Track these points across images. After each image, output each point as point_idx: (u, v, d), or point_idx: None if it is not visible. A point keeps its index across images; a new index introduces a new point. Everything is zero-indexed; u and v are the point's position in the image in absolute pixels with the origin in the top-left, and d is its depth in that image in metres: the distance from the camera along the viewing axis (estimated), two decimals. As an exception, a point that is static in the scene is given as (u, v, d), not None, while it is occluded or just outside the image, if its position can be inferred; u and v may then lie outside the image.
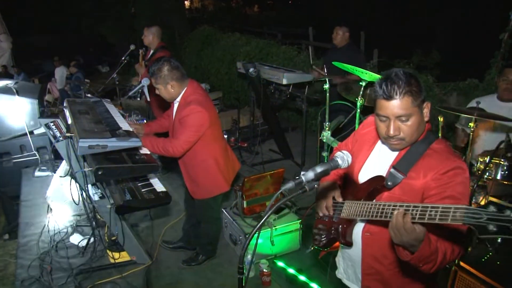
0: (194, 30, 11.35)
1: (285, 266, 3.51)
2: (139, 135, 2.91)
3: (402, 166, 1.65)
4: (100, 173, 2.31)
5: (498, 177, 2.80)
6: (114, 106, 3.40)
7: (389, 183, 1.66)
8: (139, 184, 2.75)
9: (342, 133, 4.13)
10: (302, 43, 9.93)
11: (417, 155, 1.64)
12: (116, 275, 2.67)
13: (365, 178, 1.80)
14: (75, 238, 3.00)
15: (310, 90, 5.17)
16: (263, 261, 3.46)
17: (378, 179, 1.72)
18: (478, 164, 2.96)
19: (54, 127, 2.82)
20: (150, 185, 2.76)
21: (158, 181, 2.85)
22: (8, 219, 4.20)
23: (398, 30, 14.88)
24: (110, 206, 2.54)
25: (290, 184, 1.47)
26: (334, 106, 4.21)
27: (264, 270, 3.34)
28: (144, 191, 2.67)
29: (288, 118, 7.70)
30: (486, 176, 2.86)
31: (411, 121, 1.57)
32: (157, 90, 3.05)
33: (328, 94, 4.01)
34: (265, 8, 27.92)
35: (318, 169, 1.51)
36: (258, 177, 3.78)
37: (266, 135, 6.52)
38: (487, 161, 2.82)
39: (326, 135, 3.87)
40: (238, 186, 3.82)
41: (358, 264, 1.87)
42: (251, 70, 5.26)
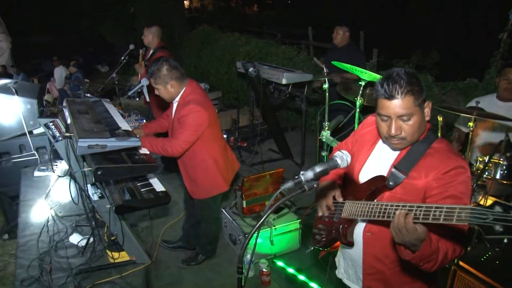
0: (193, 30, 11.35)
1: (284, 266, 3.51)
2: (139, 136, 2.91)
3: (403, 165, 1.65)
4: (99, 173, 2.30)
5: (498, 176, 2.80)
6: (114, 106, 3.39)
7: (390, 183, 1.66)
8: (139, 184, 2.75)
9: (342, 132, 4.13)
10: (302, 43, 9.95)
11: (418, 155, 1.64)
12: (115, 275, 2.66)
13: (365, 178, 1.80)
14: (75, 238, 2.99)
15: (310, 90, 5.17)
16: (263, 260, 3.46)
17: (379, 179, 1.72)
18: (478, 163, 2.96)
19: (53, 127, 2.81)
20: (150, 185, 2.76)
21: (158, 181, 2.84)
22: (7, 219, 4.20)
23: (398, 30, 14.89)
24: (109, 206, 2.53)
25: (289, 183, 1.47)
26: (333, 106, 4.21)
27: (263, 269, 3.34)
28: (143, 191, 2.66)
29: (287, 118, 7.70)
30: (485, 175, 2.86)
31: (413, 120, 1.57)
32: (156, 91, 3.05)
33: (327, 94, 4.01)
34: (264, 7, 27.96)
35: (317, 168, 1.50)
36: (258, 176, 3.78)
37: (266, 135, 6.52)
38: (487, 160, 2.82)
39: (326, 135, 3.87)
40: (237, 186, 3.82)
41: (359, 264, 1.87)
42: (251, 69, 5.26)
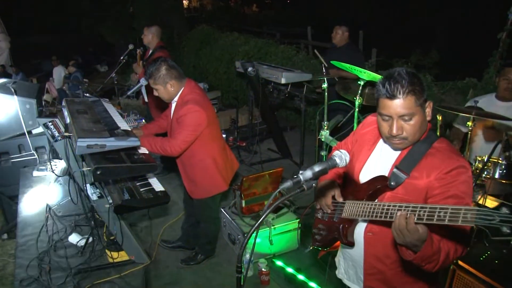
0: (192, 29, 11.34)
1: (283, 265, 3.52)
2: (138, 135, 2.91)
3: (404, 165, 1.65)
4: (98, 172, 2.30)
5: (497, 176, 2.79)
6: (113, 106, 3.40)
7: (392, 183, 1.66)
8: (138, 183, 2.75)
9: (341, 132, 4.13)
10: (301, 43, 9.95)
11: (419, 155, 1.63)
12: (114, 275, 2.66)
13: (366, 178, 1.80)
14: (74, 238, 2.99)
15: (309, 90, 5.18)
16: (262, 260, 3.46)
17: (380, 179, 1.71)
18: (477, 163, 2.96)
19: (52, 127, 2.81)
20: (149, 184, 2.76)
21: (157, 180, 2.85)
22: (6, 219, 4.20)
23: (398, 30, 14.89)
24: (108, 206, 2.53)
25: (288, 183, 1.47)
26: (332, 105, 4.22)
27: (262, 269, 3.34)
28: (142, 191, 2.66)
29: (286, 117, 7.70)
30: (484, 175, 2.86)
31: (414, 120, 1.57)
32: (155, 92, 3.04)
33: (326, 94, 4.02)
34: (263, 7, 27.96)
35: (316, 168, 1.50)
36: (257, 176, 3.78)
37: (265, 135, 6.52)
38: (486, 160, 2.82)
39: (325, 134, 3.87)
40: (236, 186, 3.82)
41: (360, 264, 1.87)
42: (250, 69, 5.26)
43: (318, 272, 3.35)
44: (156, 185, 2.77)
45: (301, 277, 3.34)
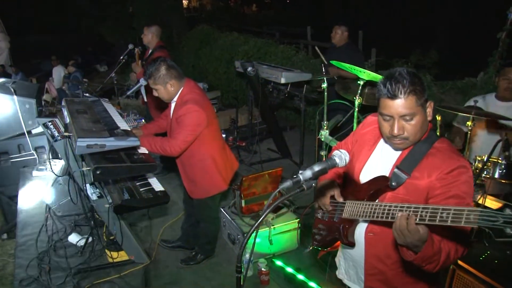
0: (192, 29, 11.33)
1: (283, 265, 3.51)
2: (138, 135, 2.92)
3: (405, 166, 1.65)
4: (98, 172, 2.31)
5: (496, 175, 2.79)
6: (112, 106, 3.40)
7: (393, 184, 1.65)
8: (138, 183, 2.75)
9: (340, 132, 4.13)
10: (300, 43, 9.95)
11: (420, 155, 1.63)
12: (114, 275, 2.67)
13: (366, 178, 1.79)
14: (74, 238, 3.00)
15: (308, 89, 5.18)
16: (262, 260, 3.46)
17: (381, 179, 1.71)
18: (476, 162, 2.96)
19: (52, 127, 2.82)
20: (149, 184, 2.76)
21: (157, 180, 2.85)
22: (6, 219, 4.20)
23: (398, 30, 14.89)
24: (108, 206, 2.54)
25: (288, 183, 1.47)
26: (332, 105, 4.22)
27: (262, 269, 3.34)
28: (142, 191, 2.67)
29: (286, 117, 7.70)
30: (484, 174, 2.86)
31: (415, 120, 1.56)
32: (155, 92, 3.03)
33: (326, 93, 4.02)
34: (263, 7, 27.93)
35: (316, 168, 1.50)
36: (256, 176, 3.78)
37: (264, 134, 6.52)
38: (485, 159, 2.82)
39: (324, 134, 3.87)
40: (236, 185, 3.82)
41: (361, 264, 1.86)
42: (249, 69, 5.26)
43: (318, 272, 3.35)
44: (155, 185, 2.77)
45: (300, 277, 3.34)
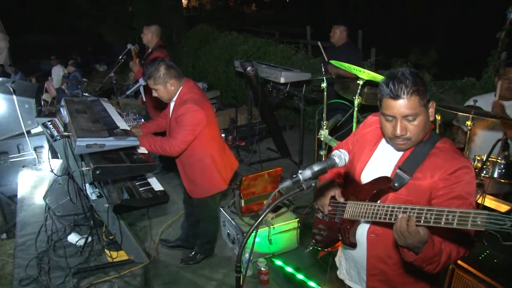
0: (191, 29, 11.32)
1: (283, 265, 3.52)
2: (137, 135, 2.91)
3: (407, 166, 1.64)
4: (97, 172, 2.31)
5: (495, 175, 2.79)
6: (112, 105, 3.39)
7: (395, 184, 1.65)
8: (137, 183, 2.75)
9: (340, 131, 4.13)
10: (300, 42, 9.95)
11: (422, 155, 1.63)
12: (114, 274, 2.67)
13: (368, 178, 1.78)
14: (73, 238, 3.00)
15: (308, 89, 5.18)
16: (261, 259, 3.47)
17: (383, 180, 1.70)
18: (476, 162, 2.96)
19: (51, 126, 2.81)
20: (148, 184, 2.76)
21: (156, 180, 2.85)
22: (5, 219, 4.19)
23: (398, 30, 14.88)
24: (108, 205, 2.54)
25: (287, 182, 1.46)
26: (331, 105, 4.22)
27: (262, 268, 3.34)
28: (142, 190, 2.67)
29: (285, 117, 7.70)
30: (483, 174, 2.86)
31: (418, 120, 1.56)
32: (154, 92, 3.03)
33: (325, 93, 4.02)
34: (262, 6, 27.91)
35: (315, 167, 1.50)
36: (256, 175, 3.78)
37: (264, 134, 6.52)
38: (485, 159, 2.82)
39: (324, 134, 3.87)
40: (236, 185, 3.82)
41: (363, 265, 1.85)
42: (249, 68, 5.26)
43: (318, 272, 3.35)
44: (155, 184, 2.77)
45: (300, 276, 3.35)
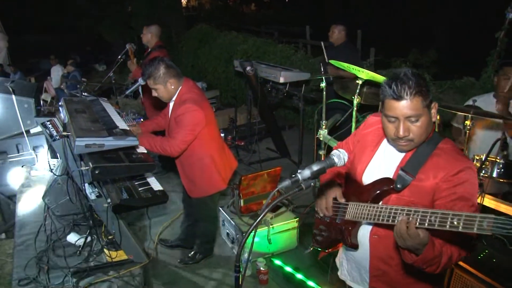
0: (191, 28, 11.32)
1: (282, 265, 3.52)
2: (137, 134, 2.92)
3: (410, 167, 1.63)
4: (97, 172, 2.30)
5: (494, 175, 2.80)
6: (111, 105, 3.39)
7: (398, 186, 1.64)
8: (136, 183, 2.75)
9: (339, 131, 4.14)
10: (299, 42, 9.94)
11: (425, 156, 1.62)
12: (113, 274, 2.66)
13: (369, 179, 1.77)
14: (72, 237, 2.99)
15: (307, 89, 5.18)
16: (260, 259, 3.46)
17: (385, 181, 1.69)
18: (474, 162, 2.96)
19: (50, 126, 2.81)
20: (147, 184, 2.76)
21: (155, 180, 2.85)
22: (4, 218, 4.19)
23: (398, 30, 14.89)
24: (107, 205, 2.53)
25: (286, 182, 1.47)
26: (331, 105, 4.22)
27: (261, 268, 3.34)
28: (141, 190, 2.67)
29: (285, 117, 7.70)
30: (482, 174, 2.87)
31: (421, 121, 1.55)
32: (154, 92, 3.03)
33: (324, 93, 4.02)
34: (262, 6, 27.90)
35: (315, 167, 1.50)
36: (255, 175, 3.78)
37: (263, 134, 6.52)
38: (483, 158, 2.82)
39: (323, 133, 3.88)
40: (235, 185, 3.82)
41: (365, 266, 1.85)
42: (248, 68, 5.26)
43: (319, 273, 3.35)
44: (154, 184, 2.77)
45: (299, 276, 3.35)
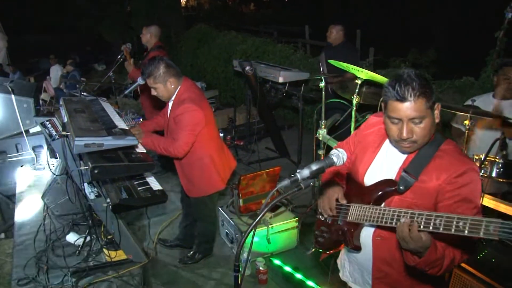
0: (190, 28, 11.32)
1: (281, 264, 3.52)
2: (141, 134, 2.93)
3: (412, 169, 1.62)
4: (96, 171, 2.30)
5: (494, 174, 2.80)
6: (110, 105, 3.39)
7: (401, 187, 1.63)
8: (136, 182, 2.75)
9: (338, 131, 4.14)
10: (298, 42, 9.95)
11: (427, 158, 1.61)
12: (112, 274, 2.66)
13: (371, 180, 1.76)
14: (71, 237, 2.99)
15: (306, 88, 5.18)
16: (260, 259, 3.46)
17: (388, 183, 1.68)
18: (474, 161, 2.97)
19: (50, 126, 2.81)
20: (147, 183, 2.76)
21: (154, 179, 2.85)
22: (3, 218, 4.19)
23: (397, 30, 14.89)
24: (106, 205, 2.53)
25: (285, 182, 1.47)
26: (330, 104, 4.22)
27: (260, 268, 3.35)
28: (140, 190, 2.66)
29: (284, 116, 7.70)
30: (481, 173, 2.87)
31: (424, 123, 1.54)
32: (153, 91, 3.03)
33: (324, 92, 4.02)
34: (261, 6, 27.88)
35: (314, 167, 1.50)
36: (254, 175, 3.78)
37: (262, 133, 6.53)
38: (483, 158, 2.83)
39: (322, 133, 3.88)
40: (234, 184, 3.82)
41: (368, 268, 1.83)
42: (247, 68, 5.26)
43: (319, 274, 3.34)
44: (153, 184, 2.77)
45: (299, 276, 3.35)
